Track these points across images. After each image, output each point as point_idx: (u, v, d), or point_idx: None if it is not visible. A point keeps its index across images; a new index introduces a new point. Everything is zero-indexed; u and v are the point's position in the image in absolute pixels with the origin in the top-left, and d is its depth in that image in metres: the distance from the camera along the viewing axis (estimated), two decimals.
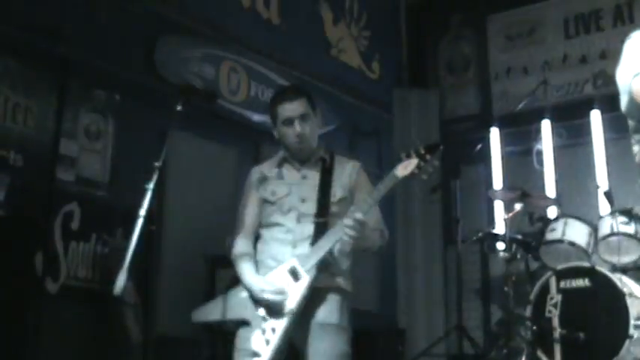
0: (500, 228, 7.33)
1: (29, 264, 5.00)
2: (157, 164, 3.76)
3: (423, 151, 3.83)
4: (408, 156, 3.85)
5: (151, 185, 3.68)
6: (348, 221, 3.77)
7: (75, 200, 5.47)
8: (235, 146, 6.84)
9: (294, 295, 3.85)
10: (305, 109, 4.06)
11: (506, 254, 6.55)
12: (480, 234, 7.19)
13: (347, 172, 4.13)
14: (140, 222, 3.62)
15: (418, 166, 3.81)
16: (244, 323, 3.91)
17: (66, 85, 5.51)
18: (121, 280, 3.51)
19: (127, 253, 3.56)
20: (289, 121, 4.03)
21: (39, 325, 4.87)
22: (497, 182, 8.37)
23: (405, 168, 3.82)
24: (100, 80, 5.77)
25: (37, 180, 5.19)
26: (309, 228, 3.95)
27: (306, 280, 3.84)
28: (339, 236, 3.85)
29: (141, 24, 6.16)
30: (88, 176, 5.66)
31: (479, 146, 7.88)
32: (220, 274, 5.63)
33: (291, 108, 4.04)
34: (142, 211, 3.64)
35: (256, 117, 7.06)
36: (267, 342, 3.80)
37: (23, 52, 5.31)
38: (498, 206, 8.10)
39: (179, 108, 3.87)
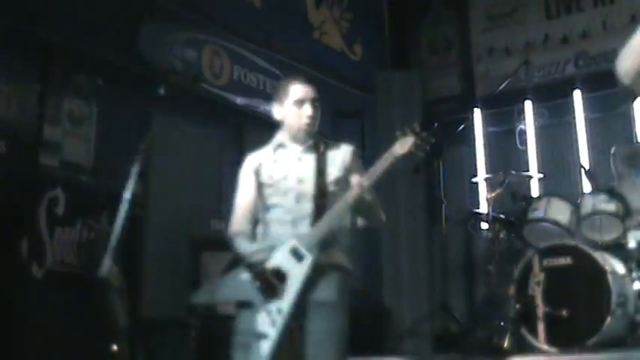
0: (483, 207, 7.38)
1: (15, 250, 5.00)
2: (140, 148, 3.78)
3: (418, 129, 3.91)
4: (404, 134, 3.94)
5: (135, 169, 3.70)
6: (353, 189, 3.89)
7: (59, 185, 5.46)
8: (219, 129, 6.86)
9: (297, 276, 3.88)
10: (316, 95, 4.14)
11: (490, 233, 6.59)
12: (464, 214, 7.24)
13: (341, 154, 4.18)
14: (125, 206, 3.63)
15: (415, 144, 3.91)
16: (245, 305, 3.93)
17: (48, 70, 5.49)
18: (106, 264, 3.53)
19: (112, 237, 3.58)
20: (301, 102, 4.09)
21: (25, 310, 4.88)
22: (481, 162, 8.41)
23: (402, 146, 3.93)
24: (83, 65, 5.75)
25: (21, 166, 5.19)
26: (307, 207, 4.00)
27: (309, 259, 3.88)
28: (340, 213, 3.93)
29: (124, 8, 6.14)
30: (72, 161, 5.65)
31: (461, 127, 7.91)
32: (205, 257, 5.65)
33: (306, 90, 4.12)
34: (127, 195, 3.66)
35: (239, 100, 7.08)
36: (274, 323, 3.83)
37: (4, 37, 5.28)
38: (482, 186, 8.14)
39: (162, 92, 3.88)
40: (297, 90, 4.11)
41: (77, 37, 5.66)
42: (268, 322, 3.83)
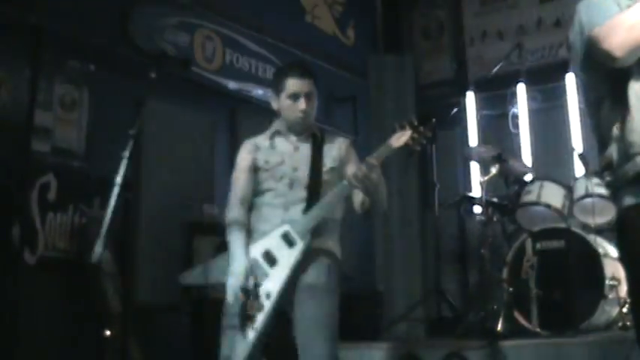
0: (476, 191, 7.38)
1: (7, 236, 4.99)
2: (132, 132, 3.77)
3: (415, 123, 3.93)
4: (402, 127, 3.95)
5: (127, 154, 3.68)
6: (352, 173, 3.92)
7: (51, 171, 5.45)
8: (211, 114, 6.84)
9: (287, 261, 3.90)
10: (312, 88, 4.18)
11: (483, 217, 6.58)
12: (457, 197, 7.24)
13: (337, 146, 4.25)
14: (116, 190, 3.62)
15: (412, 138, 3.92)
16: None
17: (39, 55, 5.47)
18: (98, 249, 3.52)
19: (105, 223, 3.57)
20: (296, 96, 4.12)
21: (18, 297, 4.88)
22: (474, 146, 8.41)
23: (398, 139, 3.94)
24: (74, 50, 5.73)
25: (12, 152, 5.17)
26: (301, 192, 4.05)
27: (300, 246, 3.91)
28: (333, 202, 3.95)
29: None
30: (64, 147, 5.63)
31: (454, 110, 7.90)
32: (198, 241, 5.65)
33: (301, 84, 4.14)
34: (119, 180, 3.65)
35: (231, 84, 7.06)
36: (261, 307, 3.85)
37: None
38: (475, 170, 8.14)
39: (153, 76, 3.86)
40: (292, 84, 4.14)
41: (68, 22, 5.63)
42: (257, 306, 3.85)
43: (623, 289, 5.60)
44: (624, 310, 5.59)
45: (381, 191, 4.11)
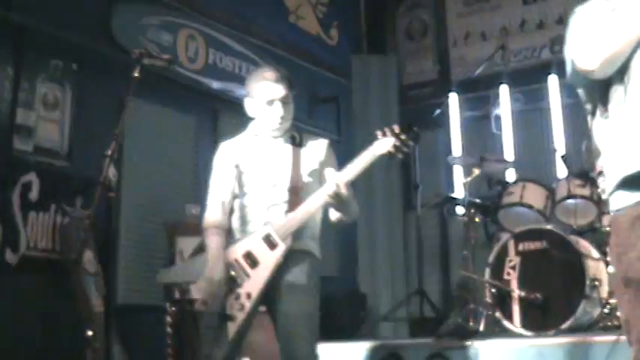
0: (459, 192, 7.39)
1: None
2: (115, 132, 3.76)
3: (398, 131, 3.93)
4: (384, 135, 3.95)
5: (110, 153, 3.67)
6: (330, 184, 3.89)
7: (33, 170, 5.42)
8: (194, 113, 6.83)
9: (268, 263, 3.90)
10: (287, 92, 4.14)
11: (465, 218, 6.60)
12: (439, 198, 7.25)
13: (316, 147, 4.23)
14: (99, 191, 3.61)
15: (394, 146, 3.92)
16: None
17: (22, 54, 5.45)
18: (80, 248, 3.52)
19: (87, 223, 3.56)
20: (271, 102, 4.10)
21: None
22: (456, 147, 8.43)
23: (381, 147, 3.93)
24: (57, 49, 5.71)
25: None
26: (283, 195, 4.03)
27: (281, 248, 3.90)
28: (316, 205, 3.94)
29: None
30: (46, 146, 5.60)
31: (437, 111, 7.91)
32: (179, 242, 5.64)
33: (276, 89, 4.11)
34: (101, 180, 3.64)
35: (215, 84, 7.05)
36: (242, 307, 3.86)
37: None
38: (457, 171, 8.16)
39: (136, 75, 3.85)
40: (267, 90, 4.11)
41: (51, 21, 5.61)
42: (237, 306, 3.86)
43: (605, 290, 5.63)
44: (605, 310, 5.62)
45: (352, 206, 4.13)
